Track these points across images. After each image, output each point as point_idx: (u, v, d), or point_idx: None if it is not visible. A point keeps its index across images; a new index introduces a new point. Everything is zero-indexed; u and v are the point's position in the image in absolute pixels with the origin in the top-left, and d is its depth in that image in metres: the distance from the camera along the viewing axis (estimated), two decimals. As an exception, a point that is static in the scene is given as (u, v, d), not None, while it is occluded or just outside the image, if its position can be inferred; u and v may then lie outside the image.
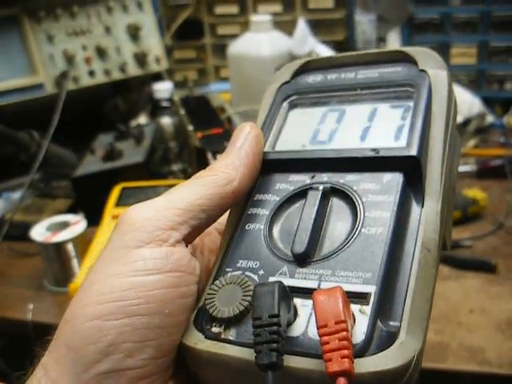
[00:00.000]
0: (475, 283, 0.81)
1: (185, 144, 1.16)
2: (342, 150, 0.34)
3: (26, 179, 1.01)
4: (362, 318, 0.27)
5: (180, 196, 0.31)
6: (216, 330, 0.29)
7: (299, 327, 0.27)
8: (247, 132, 0.34)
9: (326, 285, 0.28)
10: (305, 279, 0.29)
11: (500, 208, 0.97)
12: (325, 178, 0.33)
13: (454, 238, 0.89)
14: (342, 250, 0.30)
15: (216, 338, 0.29)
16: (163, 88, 1.30)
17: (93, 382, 0.27)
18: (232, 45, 1.32)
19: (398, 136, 0.33)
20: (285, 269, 0.30)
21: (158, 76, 1.43)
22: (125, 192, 0.98)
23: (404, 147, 0.32)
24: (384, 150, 0.32)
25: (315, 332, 0.26)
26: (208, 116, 1.17)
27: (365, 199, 0.31)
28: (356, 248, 0.29)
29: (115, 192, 0.98)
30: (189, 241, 0.31)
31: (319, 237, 0.31)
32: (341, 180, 0.33)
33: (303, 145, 0.36)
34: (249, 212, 0.34)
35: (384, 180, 0.32)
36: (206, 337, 0.29)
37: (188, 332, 0.30)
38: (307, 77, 0.39)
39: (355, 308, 0.27)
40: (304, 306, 0.28)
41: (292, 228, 0.31)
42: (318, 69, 0.39)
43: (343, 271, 0.29)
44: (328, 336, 0.24)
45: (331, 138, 0.35)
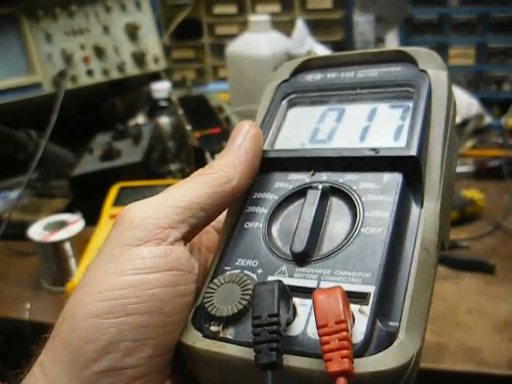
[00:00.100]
0: (473, 284, 0.81)
1: (183, 144, 1.16)
2: (342, 150, 0.34)
3: (24, 178, 1.01)
4: (362, 318, 0.27)
5: (179, 194, 0.31)
6: (214, 329, 0.29)
7: (298, 326, 0.27)
8: (246, 130, 0.34)
9: (326, 284, 0.28)
10: (304, 278, 0.29)
11: (497, 209, 0.98)
12: (324, 177, 0.33)
13: (452, 239, 0.89)
14: (342, 250, 0.30)
15: (214, 337, 0.29)
16: (161, 88, 1.30)
17: (91, 381, 0.27)
18: (230, 45, 1.32)
19: (398, 136, 0.33)
20: (284, 268, 0.30)
21: (157, 76, 1.43)
22: (123, 192, 0.98)
23: (404, 147, 0.32)
24: (384, 150, 0.32)
25: (314, 331, 0.26)
26: (206, 116, 1.17)
27: (364, 199, 0.31)
28: (355, 248, 0.29)
29: (113, 191, 0.98)
30: (187, 239, 0.31)
31: (318, 236, 0.31)
32: (340, 179, 0.33)
33: (302, 143, 0.36)
34: (247, 210, 0.34)
35: (383, 180, 0.32)
36: (205, 335, 0.29)
37: (186, 330, 0.30)
38: (306, 75, 0.39)
39: (354, 308, 0.27)
40: (303, 306, 0.28)
41: (291, 227, 0.31)
42: (318, 67, 0.39)
43: (342, 271, 0.29)
44: (328, 336, 0.24)
45: (330, 137, 0.35)
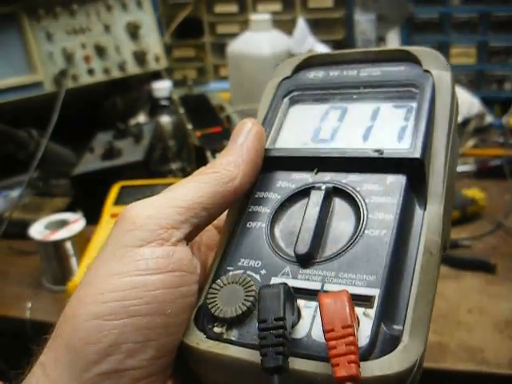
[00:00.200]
0: (474, 283, 0.81)
1: (184, 143, 1.16)
2: (345, 150, 0.33)
3: (25, 177, 1.01)
4: (366, 321, 0.26)
5: (181, 194, 0.31)
6: (218, 330, 0.29)
7: (303, 329, 0.27)
8: (249, 128, 0.34)
9: (330, 286, 0.28)
10: (308, 280, 0.29)
11: (499, 208, 0.97)
12: (327, 177, 0.33)
13: (453, 238, 0.89)
14: (346, 252, 0.29)
15: (218, 338, 0.28)
16: (162, 87, 1.29)
17: (92, 382, 0.26)
18: (231, 44, 1.32)
19: (402, 137, 0.33)
20: (287, 269, 0.30)
21: (158, 75, 1.43)
22: (124, 190, 0.98)
23: (408, 149, 0.32)
24: (388, 152, 0.32)
25: (319, 334, 0.26)
26: (207, 115, 1.17)
27: (368, 200, 0.31)
28: (359, 250, 0.29)
29: (114, 190, 0.98)
30: (189, 239, 0.31)
31: (322, 237, 0.30)
32: (343, 180, 0.32)
33: (305, 142, 0.35)
34: (250, 210, 0.33)
35: (387, 181, 0.31)
36: (208, 336, 0.29)
37: (189, 331, 0.29)
38: (308, 72, 0.39)
39: (359, 311, 0.27)
40: (307, 308, 0.28)
41: (294, 228, 0.31)
42: (320, 65, 0.39)
43: (347, 273, 0.28)
44: (335, 340, 0.24)
45: (333, 137, 0.35)
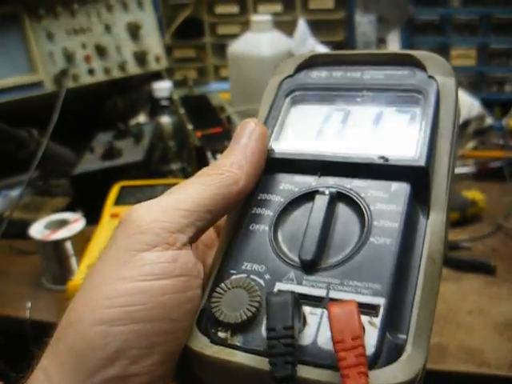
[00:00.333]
0: (474, 284, 0.81)
1: (184, 143, 1.16)
2: (349, 154, 0.33)
3: (25, 177, 1.01)
4: (372, 330, 0.26)
5: (186, 196, 0.30)
6: (222, 335, 0.28)
7: (308, 336, 0.27)
8: (252, 128, 0.33)
9: (335, 294, 0.28)
10: (313, 287, 0.29)
11: (499, 209, 0.97)
12: (331, 182, 0.32)
13: (453, 239, 0.89)
14: (350, 259, 0.29)
15: (223, 344, 0.28)
16: (163, 87, 1.29)
17: None
18: (232, 44, 1.32)
19: (406, 143, 0.33)
20: (291, 274, 0.29)
21: (158, 75, 1.43)
22: (124, 191, 0.98)
23: (413, 157, 0.31)
24: (393, 159, 0.32)
25: (325, 341, 0.26)
26: (208, 115, 1.17)
27: (373, 207, 0.31)
28: (364, 258, 0.29)
29: (114, 190, 0.97)
30: (192, 242, 0.31)
31: (326, 243, 0.30)
32: (348, 185, 0.32)
33: (307, 144, 0.35)
34: (252, 212, 0.33)
35: (391, 189, 0.31)
36: (212, 341, 0.29)
37: (193, 335, 0.29)
38: (311, 72, 0.38)
39: (365, 319, 0.27)
40: (312, 315, 0.28)
41: (298, 232, 0.31)
42: (323, 65, 0.38)
43: (352, 281, 0.28)
44: (345, 352, 0.24)
45: (336, 140, 0.35)
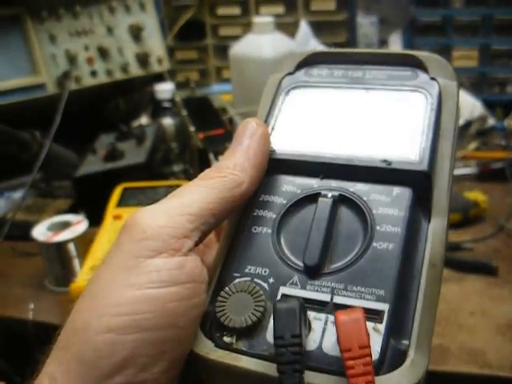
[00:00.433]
0: (476, 285, 0.81)
1: (186, 145, 1.16)
2: (351, 157, 0.33)
3: (28, 179, 1.01)
4: (376, 336, 0.26)
5: (190, 200, 0.30)
6: (228, 340, 0.28)
7: (313, 341, 0.27)
8: (253, 129, 0.33)
9: (339, 299, 0.28)
10: (317, 291, 0.29)
11: (501, 210, 0.97)
12: (333, 184, 0.32)
13: (455, 240, 0.89)
14: (354, 264, 0.29)
15: (228, 348, 0.28)
16: (165, 89, 1.29)
17: None
18: (234, 46, 1.32)
19: (408, 147, 0.32)
20: (295, 279, 0.29)
21: (160, 77, 1.43)
22: (126, 192, 0.98)
23: (415, 161, 0.31)
24: (396, 163, 0.32)
25: (330, 347, 0.26)
26: (210, 117, 1.17)
27: (375, 211, 0.31)
28: (367, 263, 0.29)
29: (117, 192, 0.98)
30: (196, 246, 0.30)
31: (330, 247, 0.30)
32: (351, 188, 0.32)
33: (309, 145, 0.34)
34: (255, 213, 0.32)
35: (394, 193, 0.31)
36: (217, 345, 0.29)
37: (197, 339, 0.29)
38: (312, 70, 0.37)
39: (369, 325, 0.26)
40: (317, 320, 0.28)
41: (301, 236, 0.31)
42: (324, 62, 0.38)
43: (355, 286, 0.28)
44: (353, 360, 0.24)
45: (338, 141, 0.34)
